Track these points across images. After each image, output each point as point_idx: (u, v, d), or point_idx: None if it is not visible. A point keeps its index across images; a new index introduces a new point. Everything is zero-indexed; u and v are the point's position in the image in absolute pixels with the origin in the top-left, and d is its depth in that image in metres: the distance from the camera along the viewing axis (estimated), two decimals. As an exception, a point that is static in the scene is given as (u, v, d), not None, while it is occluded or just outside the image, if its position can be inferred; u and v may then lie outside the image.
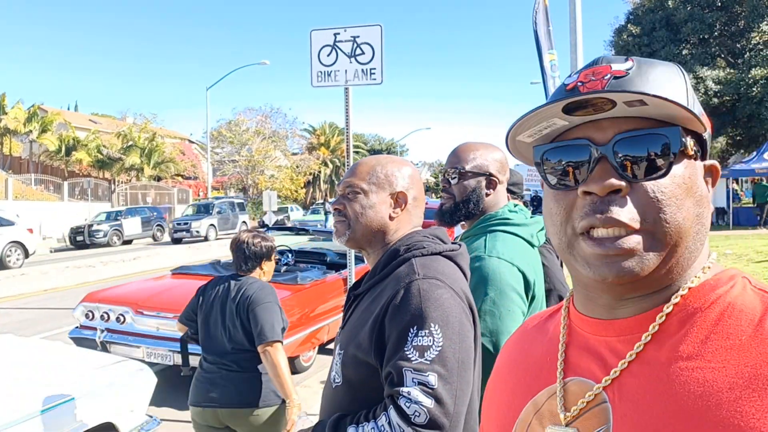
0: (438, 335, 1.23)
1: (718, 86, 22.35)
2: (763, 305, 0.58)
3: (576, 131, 0.63)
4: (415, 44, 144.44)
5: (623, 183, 0.59)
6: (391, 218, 1.43)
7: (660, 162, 0.59)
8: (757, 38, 22.93)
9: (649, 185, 0.59)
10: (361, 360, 1.30)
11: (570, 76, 0.66)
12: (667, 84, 0.62)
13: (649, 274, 0.60)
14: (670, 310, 0.61)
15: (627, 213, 0.58)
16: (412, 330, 1.23)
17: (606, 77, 0.62)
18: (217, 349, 2.80)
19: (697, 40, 24.19)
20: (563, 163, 0.63)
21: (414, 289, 1.27)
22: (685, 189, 0.60)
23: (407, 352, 1.21)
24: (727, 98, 22.76)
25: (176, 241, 24.02)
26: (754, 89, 21.74)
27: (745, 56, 23.13)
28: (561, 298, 2.16)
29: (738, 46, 23.94)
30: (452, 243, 1.46)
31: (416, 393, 1.18)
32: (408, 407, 1.17)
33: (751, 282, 0.61)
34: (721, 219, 21.05)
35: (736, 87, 22.10)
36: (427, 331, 1.22)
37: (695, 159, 0.63)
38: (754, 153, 20.50)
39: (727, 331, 0.57)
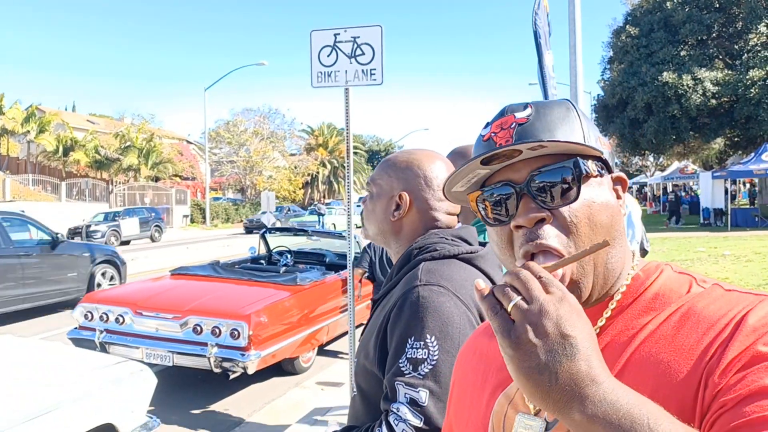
0: (434, 347, 1.14)
1: (716, 87, 22.40)
2: (687, 283, 0.72)
3: (497, 176, 0.74)
4: (413, 46, 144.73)
5: (545, 213, 0.70)
6: (391, 221, 1.36)
7: (569, 189, 0.71)
8: (755, 40, 22.99)
9: (565, 211, 0.70)
10: (368, 370, 1.25)
11: (485, 126, 0.77)
12: (562, 123, 0.74)
13: (592, 281, 0.71)
14: (619, 297, 0.74)
15: (554, 238, 0.69)
16: (409, 341, 1.15)
17: (512, 126, 0.73)
18: (381, 284, 4.63)
19: (695, 41, 24.23)
20: (494, 203, 0.74)
21: (413, 296, 1.19)
22: (597, 205, 0.72)
23: (401, 365, 1.14)
24: (725, 99, 22.81)
25: None
26: (752, 90, 21.78)
27: (743, 57, 23.18)
28: None
29: (736, 47, 23.98)
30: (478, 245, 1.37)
31: (405, 410, 1.11)
32: (396, 425, 1.11)
33: (673, 268, 0.76)
34: (719, 220, 21.10)
35: (734, 88, 22.14)
36: (422, 342, 1.14)
37: (601, 176, 0.74)
38: (752, 154, 20.55)
39: (664, 302, 0.71)
